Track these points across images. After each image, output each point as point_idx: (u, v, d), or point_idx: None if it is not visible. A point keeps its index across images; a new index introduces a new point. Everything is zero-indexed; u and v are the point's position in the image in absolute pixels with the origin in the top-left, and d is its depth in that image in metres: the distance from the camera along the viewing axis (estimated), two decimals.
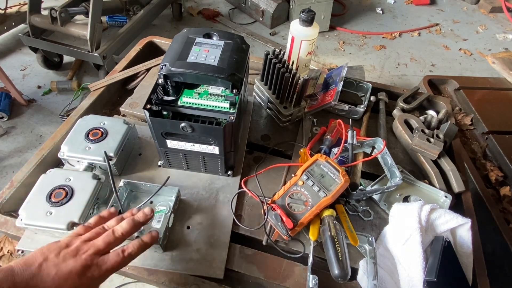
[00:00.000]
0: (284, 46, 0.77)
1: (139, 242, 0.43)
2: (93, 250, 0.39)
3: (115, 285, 0.90)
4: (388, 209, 0.60)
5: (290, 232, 0.52)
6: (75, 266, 0.37)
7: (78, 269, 0.37)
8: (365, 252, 0.55)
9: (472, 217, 0.59)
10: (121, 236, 0.41)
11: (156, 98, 0.54)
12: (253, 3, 2.09)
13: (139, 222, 0.44)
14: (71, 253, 0.38)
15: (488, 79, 1.16)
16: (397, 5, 2.45)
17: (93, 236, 0.41)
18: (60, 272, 0.36)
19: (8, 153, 1.30)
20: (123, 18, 1.96)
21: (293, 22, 0.75)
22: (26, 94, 1.52)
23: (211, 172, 0.64)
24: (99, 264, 0.38)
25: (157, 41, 0.97)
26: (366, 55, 1.96)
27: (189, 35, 0.56)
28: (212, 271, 0.52)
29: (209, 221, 0.58)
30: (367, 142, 0.65)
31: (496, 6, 2.38)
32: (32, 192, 0.52)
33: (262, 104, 0.78)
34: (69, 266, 0.37)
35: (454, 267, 0.52)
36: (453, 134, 0.75)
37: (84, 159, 0.59)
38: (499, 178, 0.85)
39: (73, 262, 0.37)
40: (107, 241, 0.40)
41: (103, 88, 0.79)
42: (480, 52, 2.03)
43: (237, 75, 0.51)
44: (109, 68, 1.45)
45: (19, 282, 0.34)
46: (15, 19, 1.76)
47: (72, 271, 0.36)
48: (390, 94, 0.85)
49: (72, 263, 0.37)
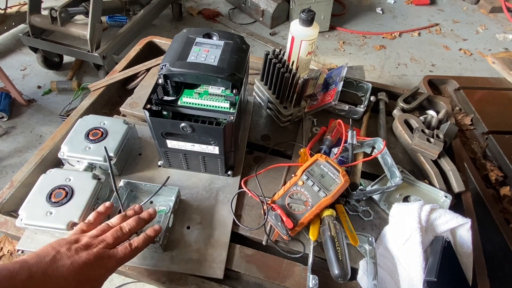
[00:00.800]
0: (284, 46, 0.77)
1: (144, 236, 0.45)
2: (103, 244, 0.41)
3: (115, 285, 0.90)
4: (388, 209, 0.60)
5: (290, 232, 0.52)
6: (89, 258, 0.38)
7: (92, 259, 0.39)
8: (365, 252, 0.55)
9: (472, 217, 0.59)
10: (128, 232, 0.44)
11: (156, 98, 0.54)
12: (253, 3, 2.09)
13: (144, 220, 0.47)
14: (83, 247, 0.40)
15: (488, 79, 1.16)
16: (397, 5, 2.45)
17: (99, 233, 0.43)
18: (75, 263, 0.37)
19: (8, 153, 1.30)
20: (123, 18, 1.96)
21: (293, 22, 0.75)
22: (26, 94, 1.52)
23: (211, 172, 0.64)
24: (110, 256, 0.41)
25: (157, 41, 0.97)
26: (366, 55, 1.96)
27: (189, 35, 0.56)
28: (212, 271, 0.52)
29: (209, 221, 0.58)
30: (367, 142, 0.65)
31: (496, 6, 2.38)
32: (32, 192, 0.52)
33: (262, 104, 0.78)
34: (83, 257, 0.38)
35: (454, 267, 0.52)
36: (453, 134, 0.75)
37: (84, 159, 0.59)
38: (499, 178, 0.85)
39: (86, 255, 0.39)
40: (116, 236, 0.43)
41: (103, 88, 0.79)
42: (480, 52, 2.03)
43: (237, 75, 0.51)
44: (109, 68, 1.45)
45: (36, 271, 0.34)
46: (15, 19, 1.76)
47: (86, 262, 0.38)
48: (390, 94, 0.85)
49: (85, 255, 0.39)
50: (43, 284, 0.34)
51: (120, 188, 0.56)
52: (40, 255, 0.37)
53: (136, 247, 0.44)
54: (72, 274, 0.36)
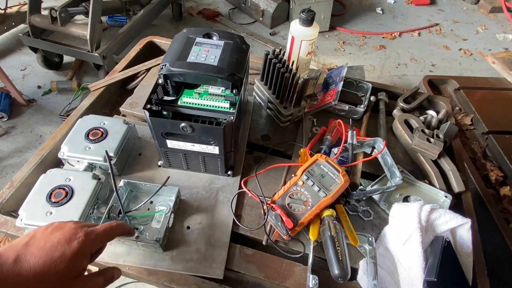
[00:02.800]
0: (284, 46, 0.77)
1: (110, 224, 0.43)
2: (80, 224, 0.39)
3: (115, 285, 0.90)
4: (388, 209, 0.60)
5: (290, 232, 0.52)
6: (64, 234, 0.36)
7: (67, 235, 0.37)
8: (365, 252, 0.55)
9: (472, 217, 0.59)
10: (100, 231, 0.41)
11: (156, 98, 0.54)
12: (253, 3, 2.09)
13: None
14: (58, 227, 0.38)
15: (488, 79, 1.16)
16: (397, 5, 2.45)
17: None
18: (49, 242, 0.35)
19: (8, 153, 1.30)
20: (123, 18, 1.96)
21: (293, 22, 0.75)
22: (26, 94, 1.51)
23: (211, 172, 0.64)
24: (87, 232, 0.38)
25: (157, 41, 0.97)
26: (366, 55, 1.96)
27: (189, 35, 0.56)
28: (212, 271, 0.52)
29: (209, 221, 0.58)
30: (367, 142, 0.65)
31: (496, 6, 2.38)
32: (32, 192, 0.52)
33: (262, 104, 0.78)
34: (57, 236, 0.36)
35: (454, 267, 0.52)
36: (453, 134, 0.75)
37: (84, 159, 0.59)
38: (499, 178, 0.85)
39: (61, 233, 0.37)
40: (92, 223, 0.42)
41: (103, 88, 0.79)
42: (480, 52, 2.03)
43: (237, 75, 0.51)
44: (109, 68, 1.45)
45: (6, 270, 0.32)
46: (15, 19, 1.76)
47: (60, 238, 0.36)
48: (390, 94, 0.85)
49: (60, 233, 0.37)
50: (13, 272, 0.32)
51: (120, 188, 0.56)
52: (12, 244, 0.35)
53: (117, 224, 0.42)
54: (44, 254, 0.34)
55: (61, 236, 0.36)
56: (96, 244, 0.39)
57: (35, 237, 0.36)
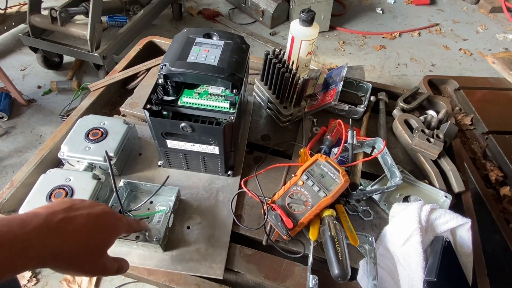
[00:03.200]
0: (284, 46, 0.77)
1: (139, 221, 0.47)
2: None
3: (115, 285, 0.90)
4: (388, 209, 0.60)
5: (290, 232, 0.52)
6: (104, 209, 0.39)
7: (107, 211, 0.39)
8: (365, 252, 0.55)
9: (472, 217, 0.59)
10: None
11: (156, 98, 0.54)
12: (253, 3, 2.09)
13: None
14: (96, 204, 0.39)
15: (488, 79, 1.16)
16: (397, 5, 2.45)
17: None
18: (92, 212, 0.37)
19: (8, 153, 1.29)
20: (123, 18, 1.95)
21: (293, 22, 0.75)
22: (26, 94, 1.51)
23: (211, 172, 0.64)
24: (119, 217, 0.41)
25: (157, 41, 0.97)
26: (366, 55, 1.96)
27: (189, 35, 0.56)
28: (212, 271, 0.52)
29: (209, 221, 0.58)
30: (367, 142, 0.65)
31: (496, 6, 2.38)
32: (32, 192, 0.52)
33: (262, 104, 0.78)
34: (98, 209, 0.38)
35: (454, 267, 0.52)
36: (453, 134, 0.75)
37: (84, 159, 0.59)
38: (499, 178, 0.85)
39: (102, 206, 0.39)
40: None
41: (103, 88, 0.79)
42: (480, 52, 2.03)
43: (237, 75, 0.51)
44: (109, 68, 1.45)
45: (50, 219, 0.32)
46: (15, 19, 1.75)
47: (103, 212, 0.38)
48: (390, 94, 0.85)
49: (102, 207, 0.39)
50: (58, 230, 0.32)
51: (120, 188, 0.56)
52: (52, 207, 0.35)
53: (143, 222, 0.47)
54: (88, 222, 0.35)
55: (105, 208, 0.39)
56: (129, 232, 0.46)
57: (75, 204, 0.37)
